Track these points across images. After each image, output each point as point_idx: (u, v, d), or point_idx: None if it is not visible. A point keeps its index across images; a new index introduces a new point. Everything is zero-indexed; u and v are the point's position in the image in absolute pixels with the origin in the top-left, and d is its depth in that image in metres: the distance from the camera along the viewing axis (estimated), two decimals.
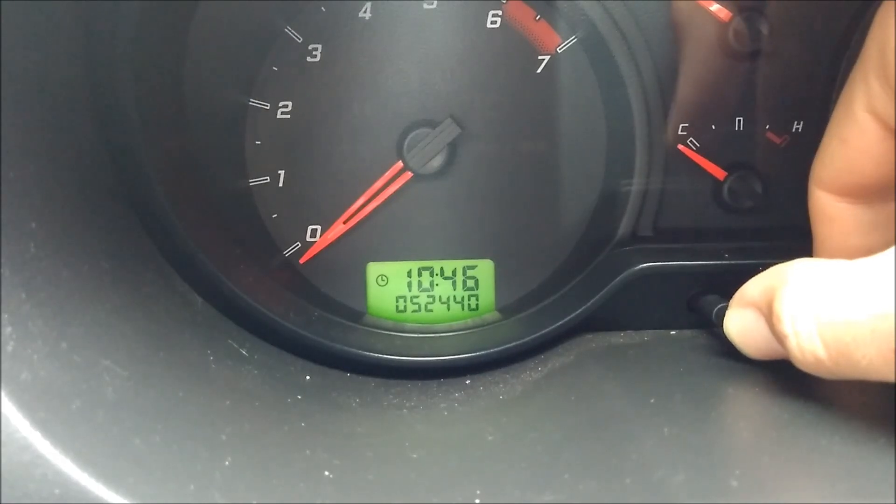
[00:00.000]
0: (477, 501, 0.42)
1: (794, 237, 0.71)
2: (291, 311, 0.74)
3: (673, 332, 0.73)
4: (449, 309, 0.82)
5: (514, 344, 0.73)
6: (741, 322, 0.55)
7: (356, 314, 0.81)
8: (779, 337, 0.48)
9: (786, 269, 0.49)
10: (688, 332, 0.73)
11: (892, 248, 0.43)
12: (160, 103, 0.70)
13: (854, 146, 0.56)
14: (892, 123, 0.53)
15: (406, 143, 0.78)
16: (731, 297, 0.67)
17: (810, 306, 0.45)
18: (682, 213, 0.79)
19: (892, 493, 0.38)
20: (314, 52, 0.77)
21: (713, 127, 0.78)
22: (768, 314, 0.50)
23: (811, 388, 0.52)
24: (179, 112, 0.74)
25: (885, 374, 0.42)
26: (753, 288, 0.53)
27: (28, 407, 0.40)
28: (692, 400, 0.55)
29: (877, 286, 0.42)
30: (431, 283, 0.82)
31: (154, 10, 0.66)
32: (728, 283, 0.70)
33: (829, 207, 0.60)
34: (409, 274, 0.82)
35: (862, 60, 0.55)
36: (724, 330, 0.57)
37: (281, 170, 0.79)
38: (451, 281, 0.82)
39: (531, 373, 0.69)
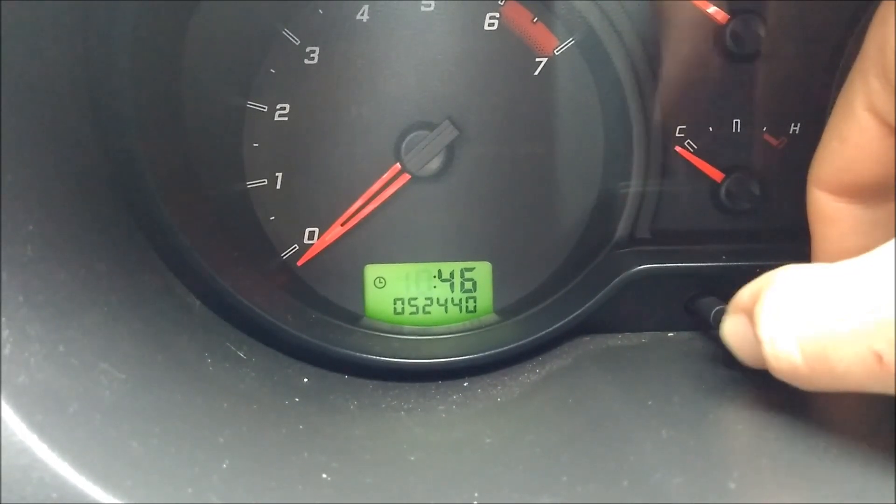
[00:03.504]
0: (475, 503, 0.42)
1: (791, 239, 0.71)
2: (289, 313, 0.73)
3: (671, 334, 0.73)
4: (447, 311, 0.82)
5: (511, 346, 0.73)
6: (734, 328, 0.54)
7: (354, 316, 0.81)
8: (758, 342, 0.47)
9: (773, 273, 0.49)
10: (685, 334, 0.73)
11: (877, 250, 0.42)
12: (158, 106, 0.70)
13: (853, 145, 0.56)
14: (892, 122, 0.53)
15: (404, 145, 0.78)
16: (728, 299, 0.67)
17: (788, 311, 0.45)
18: (680, 215, 0.79)
19: (891, 495, 0.38)
20: (312, 55, 0.77)
21: (710, 129, 0.78)
22: (752, 319, 0.49)
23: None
24: (177, 115, 0.74)
25: (862, 381, 0.40)
26: (745, 293, 0.53)
27: (25, 410, 0.40)
28: (690, 402, 0.55)
29: (857, 290, 0.41)
30: (429, 286, 0.82)
31: (151, 12, 0.66)
32: (725, 286, 0.70)
33: (827, 207, 0.60)
34: (407, 276, 0.82)
35: (861, 59, 0.55)
36: (721, 336, 0.57)
37: (279, 172, 0.79)
38: (449, 283, 0.82)
39: (529, 375, 0.69)
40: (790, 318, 0.44)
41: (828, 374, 0.42)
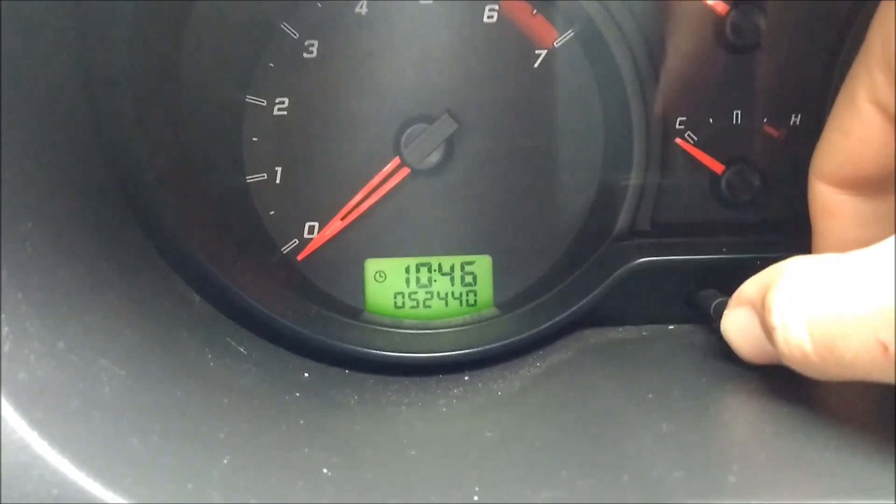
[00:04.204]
0: (475, 498, 0.42)
1: (792, 231, 0.71)
2: (289, 308, 0.73)
3: (671, 327, 0.73)
4: (447, 305, 0.82)
5: (512, 340, 0.73)
6: (737, 321, 0.54)
7: (354, 311, 0.81)
8: (768, 330, 0.48)
9: (782, 264, 0.49)
10: (686, 327, 0.73)
11: (884, 242, 0.42)
12: (156, 101, 0.70)
13: (856, 137, 0.56)
14: (895, 114, 0.53)
15: (403, 138, 0.78)
16: (729, 292, 0.66)
17: (800, 299, 0.45)
18: (680, 208, 0.79)
19: (891, 490, 0.38)
20: (311, 48, 0.77)
21: (711, 121, 0.77)
22: (761, 309, 0.49)
23: (810, 383, 0.52)
24: (176, 110, 0.73)
25: (869, 370, 0.41)
26: (750, 286, 0.53)
27: (25, 407, 0.40)
28: (690, 395, 0.55)
29: (864, 279, 0.41)
30: (430, 280, 0.82)
31: (149, 7, 0.65)
32: (726, 278, 0.70)
33: (829, 200, 0.60)
34: (408, 270, 0.82)
35: (865, 51, 0.54)
36: (722, 330, 0.57)
37: (278, 166, 0.79)
38: (449, 277, 0.82)
39: (529, 369, 0.69)
40: (802, 306, 0.45)
41: (836, 362, 0.42)
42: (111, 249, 0.58)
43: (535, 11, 0.77)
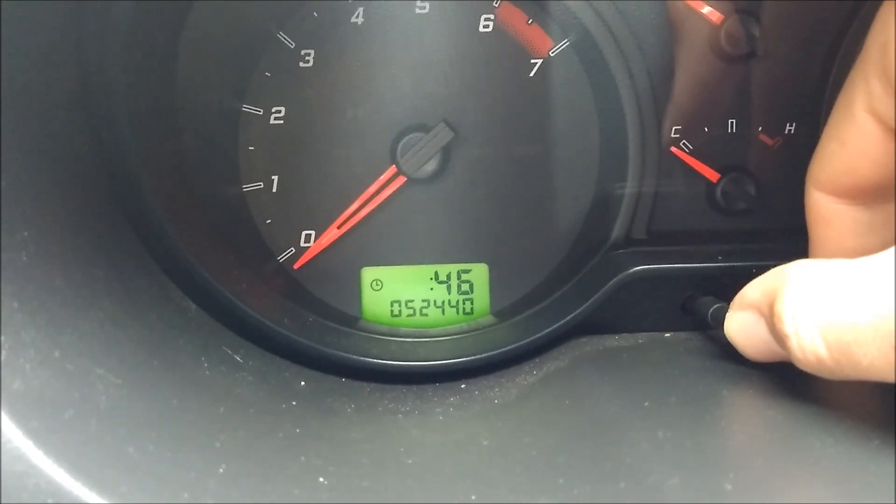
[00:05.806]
0: None
1: (787, 239, 0.71)
2: (286, 316, 0.73)
3: (667, 335, 0.73)
4: (444, 313, 0.82)
5: (509, 348, 0.73)
6: (742, 324, 0.55)
7: (351, 319, 0.81)
8: (779, 337, 0.48)
9: (787, 269, 0.49)
10: (682, 335, 0.73)
11: (893, 248, 0.43)
12: (152, 110, 0.70)
13: (853, 147, 0.56)
14: (892, 124, 0.53)
15: (399, 147, 0.78)
16: (725, 299, 0.67)
17: (811, 306, 0.45)
18: (676, 216, 0.79)
19: (890, 495, 0.38)
20: (307, 58, 0.77)
21: (706, 129, 0.78)
22: (769, 315, 0.49)
23: (806, 389, 0.52)
24: (172, 118, 0.73)
25: (885, 374, 0.41)
26: (754, 290, 0.53)
27: (21, 416, 0.39)
28: (687, 403, 0.55)
29: (878, 286, 0.42)
30: (426, 288, 0.82)
31: (145, 16, 0.66)
32: (722, 286, 0.71)
33: (826, 209, 0.60)
34: (404, 278, 0.82)
35: (862, 60, 0.54)
36: (725, 332, 0.57)
37: (275, 175, 0.79)
38: (445, 285, 0.82)
39: (526, 376, 0.69)
40: (814, 314, 0.45)
41: (852, 367, 0.43)
42: (107, 258, 0.57)
43: (530, 21, 0.78)
